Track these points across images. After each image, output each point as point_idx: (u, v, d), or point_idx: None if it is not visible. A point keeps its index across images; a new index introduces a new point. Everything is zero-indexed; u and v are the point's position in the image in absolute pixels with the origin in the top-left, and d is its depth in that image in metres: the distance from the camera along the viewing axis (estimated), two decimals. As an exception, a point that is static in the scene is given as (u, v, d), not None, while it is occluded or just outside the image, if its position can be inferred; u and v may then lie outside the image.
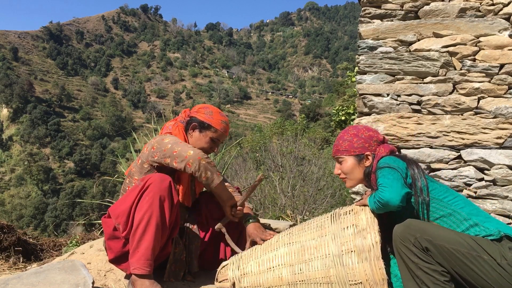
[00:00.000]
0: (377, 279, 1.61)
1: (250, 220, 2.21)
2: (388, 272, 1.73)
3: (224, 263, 2.00)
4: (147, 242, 1.91)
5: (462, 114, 2.49)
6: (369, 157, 1.90)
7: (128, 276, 2.11)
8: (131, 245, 1.95)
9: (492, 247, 1.56)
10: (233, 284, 1.90)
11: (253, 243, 2.10)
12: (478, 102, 2.48)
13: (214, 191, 2.13)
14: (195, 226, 2.31)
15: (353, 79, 11.26)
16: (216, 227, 2.17)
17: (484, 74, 2.46)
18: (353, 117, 11.06)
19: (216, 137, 2.25)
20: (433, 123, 2.51)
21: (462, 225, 1.67)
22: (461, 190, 2.45)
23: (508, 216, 2.38)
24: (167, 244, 2.11)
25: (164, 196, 1.94)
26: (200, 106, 2.33)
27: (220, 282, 1.97)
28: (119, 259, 2.06)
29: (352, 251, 1.67)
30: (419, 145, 2.54)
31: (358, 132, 1.94)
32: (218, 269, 2.00)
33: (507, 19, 2.48)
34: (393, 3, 2.69)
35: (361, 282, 1.65)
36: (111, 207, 2.06)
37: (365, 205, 1.77)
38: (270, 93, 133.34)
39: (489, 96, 2.46)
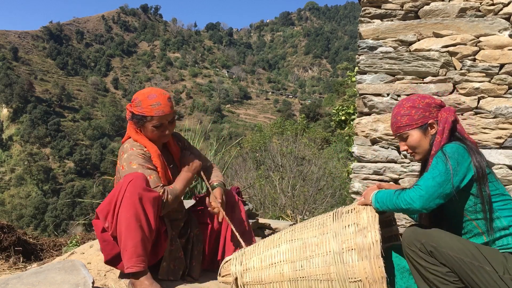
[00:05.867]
0: (376, 277, 1.62)
1: (215, 184, 2.29)
2: (388, 271, 1.73)
3: (227, 258, 2.02)
4: (135, 239, 1.89)
5: (462, 114, 2.49)
6: (434, 125, 1.81)
7: (126, 276, 2.10)
8: (119, 244, 1.93)
9: (496, 259, 1.56)
10: (236, 279, 1.90)
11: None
12: (478, 102, 2.47)
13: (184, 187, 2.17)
14: (198, 231, 2.31)
15: (353, 79, 11.23)
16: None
17: (484, 74, 2.46)
18: (353, 117, 11.04)
19: (157, 122, 2.11)
20: (433, 123, 2.51)
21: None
22: (461, 190, 2.45)
23: (508, 216, 2.38)
24: (160, 238, 2.10)
25: (143, 192, 1.92)
26: (133, 98, 2.18)
27: (222, 276, 1.98)
28: (112, 261, 2.06)
29: (352, 249, 1.68)
30: (419, 145, 2.53)
31: (414, 103, 1.84)
32: (222, 264, 2.01)
33: (507, 19, 2.48)
34: (393, 3, 2.69)
35: (360, 280, 1.66)
36: (98, 208, 2.03)
37: (366, 204, 1.77)
38: (270, 93, 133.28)
39: (489, 96, 2.46)
